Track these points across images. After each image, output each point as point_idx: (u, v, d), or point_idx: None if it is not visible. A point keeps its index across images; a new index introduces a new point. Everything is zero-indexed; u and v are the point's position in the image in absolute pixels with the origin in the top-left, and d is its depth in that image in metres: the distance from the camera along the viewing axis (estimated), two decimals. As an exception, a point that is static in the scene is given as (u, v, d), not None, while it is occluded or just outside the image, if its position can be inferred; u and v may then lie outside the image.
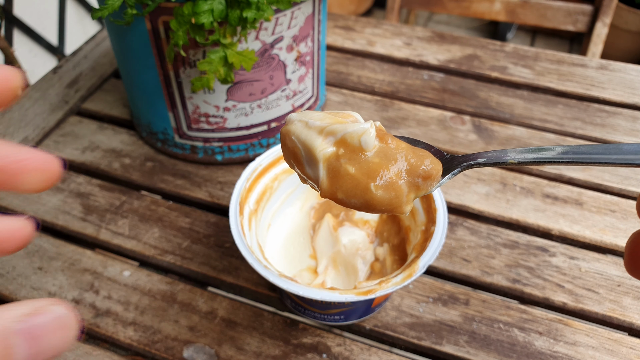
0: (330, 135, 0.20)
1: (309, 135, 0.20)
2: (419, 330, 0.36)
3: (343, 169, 0.19)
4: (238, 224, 0.33)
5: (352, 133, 0.19)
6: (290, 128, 0.21)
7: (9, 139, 0.50)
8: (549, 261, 0.41)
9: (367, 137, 0.19)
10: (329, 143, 0.20)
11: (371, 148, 0.19)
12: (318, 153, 0.20)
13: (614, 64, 0.60)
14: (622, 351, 0.35)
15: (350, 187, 0.20)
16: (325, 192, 0.20)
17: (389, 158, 0.19)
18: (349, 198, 0.20)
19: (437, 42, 0.63)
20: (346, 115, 0.21)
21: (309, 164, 0.21)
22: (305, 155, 0.20)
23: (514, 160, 0.18)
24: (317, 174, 0.20)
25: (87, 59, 0.59)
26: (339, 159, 0.20)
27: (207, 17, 0.34)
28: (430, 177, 0.19)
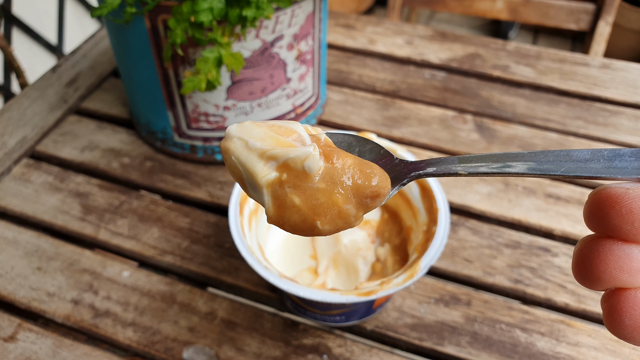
0: (272, 159, 0.19)
1: (249, 158, 0.19)
2: (421, 331, 0.36)
3: (289, 199, 0.19)
4: (238, 224, 0.32)
5: (295, 158, 0.19)
6: (230, 147, 0.20)
7: (7, 138, 0.50)
8: (551, 261, 0.40)
9: (310, 162, 0.18)
10: (271, 168, 0.19)
11: (315, 172, 0.19)
12: (260, 180, 0.19)
13: (617, 63, 0.60)
14: (624, 352, 0.35)
15: (297, 223, 0.19)
16: (272, 220, 0.20)
17: (335, 182, 0.19)
18: (296, 231, 0.19)
19: (439, 40, 0.63)
20: (289, 131, 0.20)
21: (252, 187, 0.20)
22: (247, 179, 0.20)
23: (464, 172, 0.18)
24: (262, 200, 0.19)
25: (86, 58, 0.59)
26: (283, 185, 0.19)
27: (207, 16, 0.33)
28: (379, 196, 0.19)
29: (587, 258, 0.15)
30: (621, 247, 0.14)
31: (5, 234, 0.42)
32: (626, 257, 0.14)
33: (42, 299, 0.38)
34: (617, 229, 0.14)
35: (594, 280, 0.15)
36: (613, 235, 0.14)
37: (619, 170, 0.15)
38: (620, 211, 0.14)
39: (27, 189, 0.46)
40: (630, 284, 0.14)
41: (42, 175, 0.47)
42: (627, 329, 0.14)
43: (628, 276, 0.14)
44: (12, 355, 0.35)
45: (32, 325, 0.36)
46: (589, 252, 0.15)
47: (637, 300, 0.14)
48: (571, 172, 0.16)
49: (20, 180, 0.46)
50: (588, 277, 0.15)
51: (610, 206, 0.14)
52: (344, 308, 0.33)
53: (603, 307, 0.15)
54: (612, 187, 0.14)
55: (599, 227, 0.15)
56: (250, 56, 0.40)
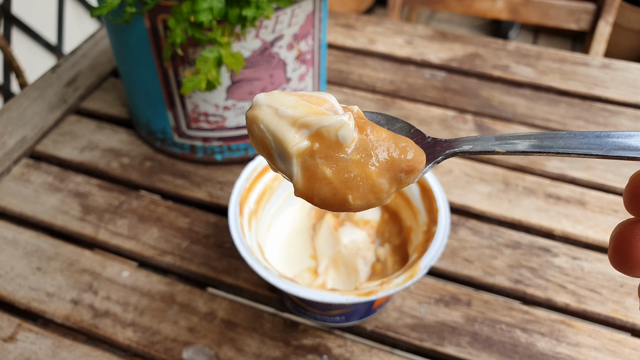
0: (304, 127, 0.18)
1: (280, 126, 0.18)
2: (421, 331, 0.36)
3: (320, 170, 0.18)
4: (238, 224, 0.32)
5: (328, 127, 0.17)
6: (258, 115, 0.18)
7: (7, 139, 0.50)
8: (552, 262, 0.40)
9: (345, 132, 0.17)
10: (302, 136, 0.18)
11: (349, 143, 0.17)
12: (291, 148, 0.18)
13: (617, 63, 0.60)
14: (624, 352, 0.35)
15: (328, 196, 0.18)
16: (300, 193, 0.18)
17: (369, 154, 0.17)
18: (325, 205, 0.18)
19: (439, 40, 0.63)
20: (320, 100, 0.19)
21: (280, 157, 0.18)
22: (276, 148, 0.18)
23: (501, 149, 0.17)
24: (291, 171, 0.18)
25: (85, 58, 0.59)
26: (314, 155, 0.18)
27: (207, 15, 0.33)
28: (414, 171, 0.18)
29: (627, 242, 0.14)
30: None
31: (5, 234, 0.42)
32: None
33: (41, 299, 0.38)
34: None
35: (632, 265, 0.14)
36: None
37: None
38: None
39: (27, 189, 0.46)
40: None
41: (41, 175, 0.47)
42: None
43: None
44: (11, 356, 0.35)
45: (32, 326, 0.36)
46: (629, 236, 0.14)
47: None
48: (612, 152, 0.15)
49: (19, 180, 0.46)
50: (627, 262, 0.14)
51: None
52: (344, 308, 0.33)
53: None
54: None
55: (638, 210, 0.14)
56: (250, 56, 0.40)
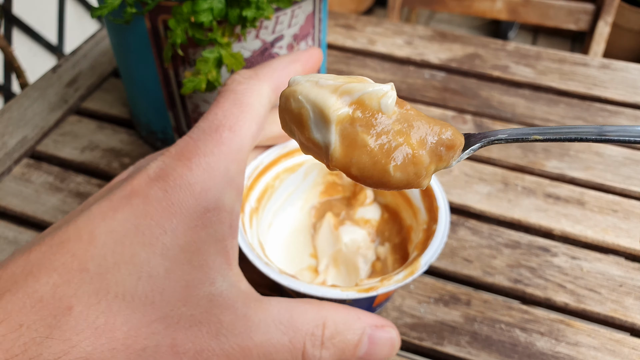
0: (345, 94, 0.17)
1: (320, 93, 0.18)
2: (420, 330, 0.36)
3: (360, 138, 0.17)
4: (239, 222, 0.32)
5: (371, 94, 0.17)
6: (297, 88, 0.18)
7: (7, 139, 0.50)
8: (551, 261, 0.40)
9: (388, 100, 0.17)
10: (343, 103, 0.17)
11: (391, 111, 0.17)
12: (331, 113, 0.17)
13: (616, 63, 0.60)
14: (624, 352, 0.35)
15: (367, 166, 0.17)
16: (337, 163, 0.18)
17: (410, 124, 0.17)
18: (363, 177, 0.18)
19: (439, 41, 0.63)
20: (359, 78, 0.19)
21: (317, 126, 0.18)
22: (314, 117, 0.18)
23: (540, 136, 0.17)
24: (328, 139, 0.18)
25: (86, 58, 0.59)
26: (355, 123, 0.17)
27: (207, 16, 0.34)
28: (454, 147, 0.18)
29: None
30: None
31: (6, 234, 0.42)
32: None
33: (42, 298, 0.38)
34: None
35: None
36: None
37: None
38: None
39: (28, 189, 0.46)
40: None
41: (42, 175, 0.47)
42: None
43: None
44: (12, 355, 0.35)
45: (33, 325, 0.36)
46: None
47: None
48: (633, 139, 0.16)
49: (20, 180, 0.46)
50: None
51: None
52: (342, 303, 0.33)
53: None
54: None
55: None
56: (250, 56, 0.40)
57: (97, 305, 0.18)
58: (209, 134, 0.24)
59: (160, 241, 0.20)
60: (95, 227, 0.20)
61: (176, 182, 0.21)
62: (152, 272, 0.19)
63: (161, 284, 0.19)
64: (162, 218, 0.20)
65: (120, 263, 0.19)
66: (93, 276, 0.19)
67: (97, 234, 0.20)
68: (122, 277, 0.19)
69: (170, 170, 0.22)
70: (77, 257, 0.19)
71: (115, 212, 0.20)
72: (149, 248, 0.20)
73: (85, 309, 0.18)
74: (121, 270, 0.19)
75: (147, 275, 0.19)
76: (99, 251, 0.19)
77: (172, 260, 0.20)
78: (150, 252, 0.20)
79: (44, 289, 0.18)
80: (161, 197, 0.21)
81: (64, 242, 0.19)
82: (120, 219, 0.20)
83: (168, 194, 0.21)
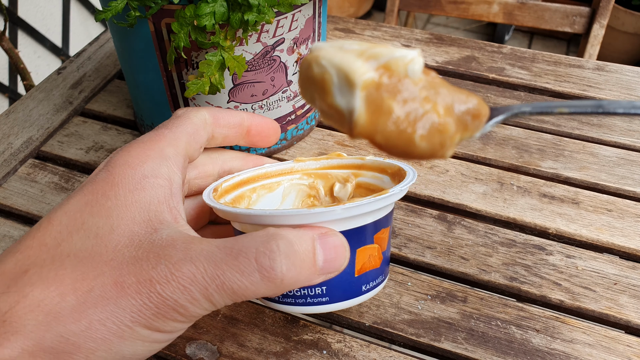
0: (372, 59, 0.17)
1: (345, 57, 0.17)
2: (418, 327, 0.37)
3: (386, 104, 0.16)
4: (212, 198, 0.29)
5: (398, 59, 0.17)
6: (319, 53, 0.17)
7: (13, 139, 0.51)
8: (546, 260, 0.41)
9: (415, 66, 0.17)
10: (370, 67, 0.17)
11: (418, 77, 0.17)
12: (357, 77, 0.16)
13: (611, 65, 0.61)
14: (618, 349, 0.36)
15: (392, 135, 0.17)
16: (361, 129, 0.17)
17: (437, 92, 0.17)
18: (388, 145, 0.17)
19: (435, 44, 0.64)
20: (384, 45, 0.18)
21: (342, 91, 0.17)
22: (339, 81, 0.17)
23: (566, 109, 0.17)
24: (352, 105, 0.17)
25: (90, 60, 0.60)
26: (381, 88, 0.17)
27: (209, 20, 0.34)
28: (479, 116, 0.17)
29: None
30: None
31: (12, 233, 0.43)
32: None
33: (47, 296, 0.39)
34: None
35: None
36: None
37: None
38: None
39: (33, 188, 0.47)
40: None
41: (47, 175, 0.48)
42: None
43: None
44: (18, 351, 0.35)
45: (38, 322, 0.37)
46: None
47: None
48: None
49: (26, 180, 0.47)
50: None
51: None
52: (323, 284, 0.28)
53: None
54: None
55: None
56: (251, 59, 0.41)
57: (51, 265, 0.21)
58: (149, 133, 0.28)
59: (105, 206, 0.22)
60: (53, 213, 0.23)
61: (117, 162, 0.25)
62: (99, 232, 0.22)
63: (107, 239, 0.21)
64: (106, 189, 0.23)
65: (72, 232, 0.22)
66: (50, 248, 0.21)
67: (54, 217, 0.23)
68: (74, 242, 0.21)
69: (113, 156, 0.26)
70: (37, 238, 0.22)
71: (70, 198, 0.24)
72: (96, 214, 0.22)
73: (39, 269, 0.21)
74: (73, 237, 0.22)
75: (94, 235, 0.22)
76: (55, 228, 0.22)
77: (116, 218, 0.22)
78: (97, 217, 0.22)
79: (7, 266, 0.21)
80: (105, 176, 0.24)
81: (31, 231, 0.23)
82: (73, 202, 0.23)
83: (110, 172, 0.24)
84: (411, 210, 0.45)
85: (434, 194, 0.46)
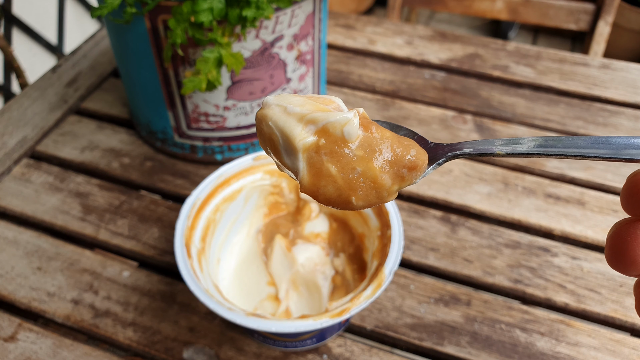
0: (310, 123, 0.18)
1: (288, 122, 0.19)
2: (421, 330, 0.36)
3: (325, 167, 0.18)
4: (189, 269, 0.30)
5: (334, 123, 0.18)
6: (267, 113, 0.19)
7: (7, 139, 0.50)
8: (551, 261, 0.40)
9: (350, 128, 0.18)
10: (309, 132, 0.18)
11: (354, 139, 0.18)
12: (297, 143, 0.18)
13: (616, 63, 0.60)
14: (624, 352, 0.35)
15: (333, 196, 0.19)
16: (306, 189, 0.19)
17: (373, 149, 0.18)
18: (329, 203, 0.19)
19: (439, 40, 0.63)
20: (327, 100, 0.20)
21: (287, 153, 0.19)
22: (283, 144, 0.19)
23: (501, 151, 0.17)
24: (297, 166, 0.19)
25: (86, 58, 0.59)
26: (320, 150, 0.18)
27: (207, 16, 0.33)
28: (416, 168, 0.18)
29: (623, 241, 0.15)
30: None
31: (6, 234, 0.42)
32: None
33: (42, 299, 0.38)
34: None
35: (628, 263, 0.15)
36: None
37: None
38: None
39: (27, 189, 0.46)
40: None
41: (42, 175, 0.47)
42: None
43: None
44: (12, 355, 0.35)
45: (32, 325, 0.36)
46: (625, 235, 0.14)
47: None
48: (610, 155, 0.15)
49: (20, 180, 0.46)
50: (623, 260, 0.15)
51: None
52: (316, 331, 0.32)
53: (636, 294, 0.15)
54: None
55: (635, 209, 0.15)
56: (250, 56, 0.40)
57: None
58: None
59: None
60: None
61: None
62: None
63: None
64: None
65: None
66: None
67: None
68: None
69: None
70: None
71: None
72: None
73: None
74: None
75: None
76: None
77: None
78: None
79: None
80: None
81: None
82: None
83: None
84: (414, 211, 0.44)
85: (438, 194, 0.45)
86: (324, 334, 0.33)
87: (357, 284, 0.35)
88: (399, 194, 0.46)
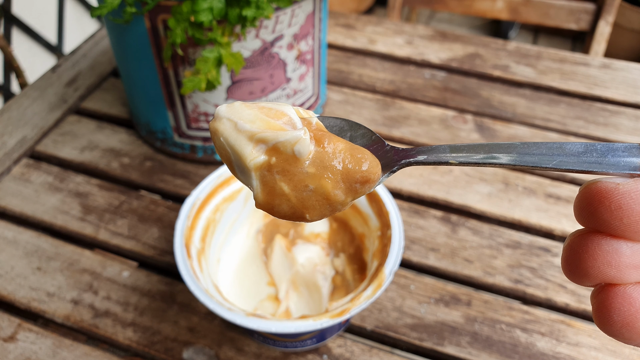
0: (261, 142, 0.18)
1: (238, 140, 0.19)
2: (421, 331, 0.36)
3: (278, 186, 0.18)
4: (189, 269, 0.30)
5: (284, 142, 0.18)
6: (219, 127, 0.19)
7: (7, 138, 0.50)
8: (552, 261, 0.40)
9: (301, 147, 0.18)
10: (260, 151, 0.18)
11: (305, 156, 0.18)
12: (248, 162, 0.18)
13: (617, 63, 0.60)
14: (624, 352, 0.35)
15: (287, 213, 0.19)
16: (260, 206, 0.19)
17: (325, 166, 0.18)
18: (285, 218, 0.19)
19: (439, 40, 0.63)
20: (279, 113, 0.19)
21: (240, 170, 0.19)
22: (236, 161, 0.19)
23: (454, 161, 0.17)
24: (251, 183, 0.19)
25: (86, 58, 0.59)
26: (272, 169, 0.18)
27: (207, 16, 0.33)
28: (369, 181, 0.19)
29: (576, 253, 0.15)
30: (610, 242, 0.14)
31: (5, 234, 0.42)
32: (614, 253, 0.14)
33: (42, 299, 0.38)
34: (606, 225, 0.14)
35: (582, 275, 0.15)
36: (602, 231, 0.14)
37: (611, 166, 0.14)
38: (609, 207, 0.14)
39: (27, 189, 0.46)
40: (619, 279, 0.14)
41: (41, 175, 0.47)
42: (615, 326, 0.14)
43: (616, 272, 0.14)
44: (12, 356, 0.35)
45: (32, 326, 0.36)
46: (577, 247, 0.15)
47: (625, 297, 0.14)
48: (563, 165, 0.15)
49: (20, 180, 0.46)
50: (576, 272, 0.15)
51: (599, 201, 0.14)
52: (316, 331, 0.32)
53: (592, 303, 0.15)
54: (602, 182, 0.14)
55: (588, 221, 0.15)
56: (250, 56, 0.40)
57: None
58: None
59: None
60: None
61: None
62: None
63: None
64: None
65: None
66: None
67: None
68: None
69: None
70: None
71: None
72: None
73: None
74: None
75: None
76: None
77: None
78: None
79: None
80: None
81: None
82: None
83: None
84: (415, 211, 0.44)
85: (438, 194, 0.45)
86: (324, 335, 0.33)
87: (357, 284, 0.35)
88: (399, 194, 0.46)
